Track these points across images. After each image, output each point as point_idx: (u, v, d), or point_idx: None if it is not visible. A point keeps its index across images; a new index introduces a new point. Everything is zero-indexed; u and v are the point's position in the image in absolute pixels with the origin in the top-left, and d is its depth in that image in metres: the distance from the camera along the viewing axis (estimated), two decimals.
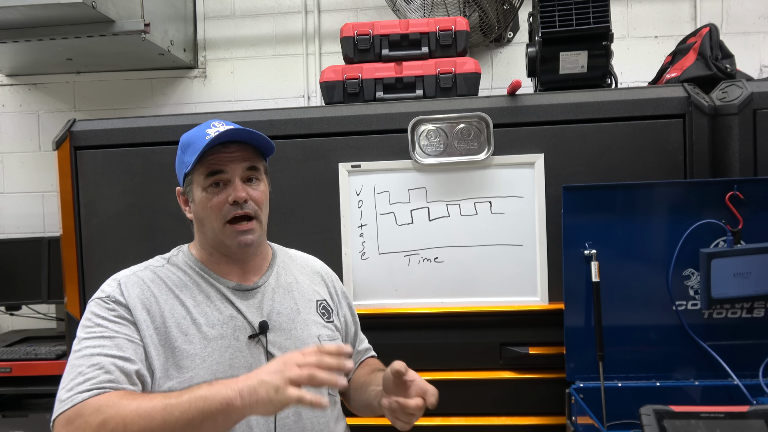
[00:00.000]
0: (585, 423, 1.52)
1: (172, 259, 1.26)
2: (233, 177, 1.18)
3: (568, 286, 1.66)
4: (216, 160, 1.17)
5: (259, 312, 1.21)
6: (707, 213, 1.61)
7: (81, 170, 1.93)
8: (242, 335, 1.18)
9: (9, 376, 2.28)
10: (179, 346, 1.13)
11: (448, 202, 1.82)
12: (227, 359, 1.14)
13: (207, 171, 1.17)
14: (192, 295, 1.19)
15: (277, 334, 1.21)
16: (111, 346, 1.08)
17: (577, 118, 1.77)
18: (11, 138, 2.93)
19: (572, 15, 1.85)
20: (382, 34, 1.99)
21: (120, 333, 1.10)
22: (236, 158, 1.18)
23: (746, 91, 1.69)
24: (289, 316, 1.24)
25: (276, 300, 1.25)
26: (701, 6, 2.59)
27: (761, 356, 1.61)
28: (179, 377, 1.11)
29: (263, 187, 1.23)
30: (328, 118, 1.86)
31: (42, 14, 2.13)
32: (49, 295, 2.58)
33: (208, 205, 1.18)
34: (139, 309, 1.14)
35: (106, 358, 1.06)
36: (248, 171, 1.20)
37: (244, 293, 1.23)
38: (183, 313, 1.16)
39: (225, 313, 1.19)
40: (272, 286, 1.27)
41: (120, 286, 1.16)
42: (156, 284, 1.18)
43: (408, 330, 1.83)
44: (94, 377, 1.04)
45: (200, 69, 2.85)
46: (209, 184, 1.18)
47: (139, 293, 1.16)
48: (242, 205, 1.17)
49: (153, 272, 1.21)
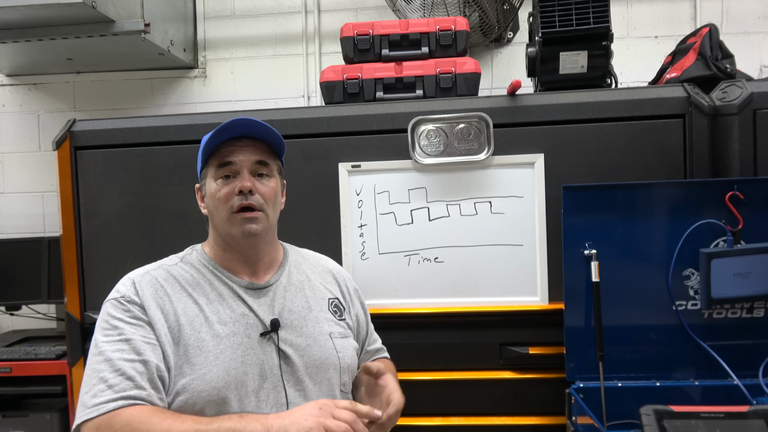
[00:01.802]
0: (585, 423, 1.52)
1: (185, 257, 1.27)
2: (242, 169, 1.20)
3: (568, 286, 1.66)
4: (227, 152, 1.21)
5: (271, 310, 1.22)
6: (707, 213, 1.61)
7: (81, 170, 1.93)
8: (254, 333, 1.18)
9: (9, 376, 2.28)
10: (192, 343, 1.14)
11: (448, 202, 1.82)
12: (239, 356, 1.15)
13: (218, 162, 1.21)
14: (205, 293, 1.20)
15: (289, 332, 1.22)
16: (129, 349, 1.09)
17: (577, 118, 1.77)
18: (11, 138, 2.93)
19: (572, 15, 1.84)
20: (382, 34, 1.99)
21: (137, 335, 1.11)
22: (246, 151, 1.21)
23: (746, 91, 1.69)
24: (300, 313, 1.25)
25: (288, 298, 1.26)
26: (701, 6, 2.59)
27: (761, 356, 1.61)
28: (192, 374, 1.12)
29: (273, 184, 1.24)
30: (328, 118, 1.86)
31: (42, 14, 2.13)
32: (49, 295, 2.58)
33: (217, 195, 1.20)
34: (153, 308, 1.15)
35: (126, 363, 1.08)
36: (258, 165, 1.22)
37: (256, 291, 1.24)
38: (196, 311, 1.17)
39: (237, 311, 1.20)
40: (284, 285, 1.28)
41: (134, 285, 1.18)
42: (169, 283, 1.20)
43: (408, 330, 1.83)
44: (118, 384, 1.05)
45: (200, 69, 2.85)
46: (220, 175, 1.21)
47: (152, 292, 1.17)
48: (248, 195, 1.19)
49: (166, 271, 1.22)
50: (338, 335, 1.28)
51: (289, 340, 1.21)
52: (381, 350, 1.49)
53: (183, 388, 1.11)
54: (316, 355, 1.22)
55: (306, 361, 1.21)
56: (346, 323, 1.34)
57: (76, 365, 1.91)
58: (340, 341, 1.27)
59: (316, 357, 1.22)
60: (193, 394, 1.10)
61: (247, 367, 1.15)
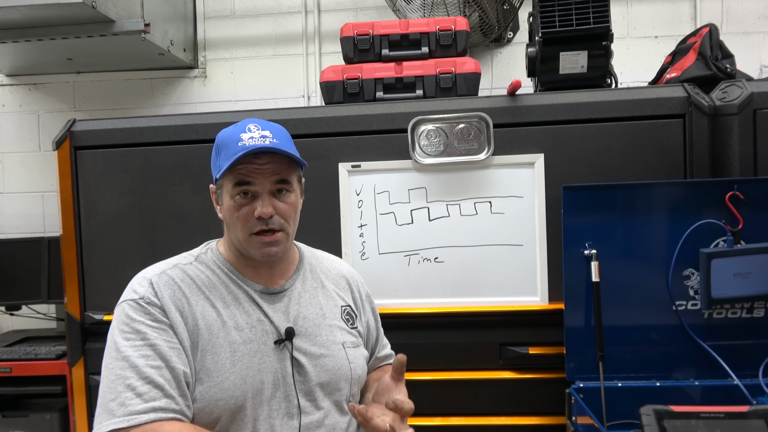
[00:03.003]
0: (585, 423, 1.52)
1: (200, 256, 1.23)
2: (262, 191, 1.15)
3: (568, 286, 1.66)
4: (246, 171, 1.14)
5: (286, 316, 1.20)
6: (707, 213, 1.61)
7: (81, 170, 1.93)
8: (269, 340, 1.16)
9: (9, 376, 2.28)
10: (209, 349, 1.11)
11: (448, 202, 1.82)
12: (256, 364, 1.13)
13: (236, 180, 1.15)
14: (221, 296, 1.17)
15: (303, 340, 1.20)
16: (155, 355, 1.06)
17: (577, 118, 1.77)
18: (11, 138, 2.93)
19: (572, 15, 1.85)
20: (382, 34, 1.99)
21: (161, 339, 1.08)
22: (266, 171, 1.15)
23: (746, 91, 1.69)
24: (314, 321, 1.23)
25: (302, 305, 1.24)
26: (701, 6, 2.59)
27: (761, 356, 1.61)
28: (209, 381, 1.10)
29: (293, 199, 1.20)
30: (328, 118, 1.86)
31: (42, 14, 2.13)
32: (49, 295, 2.58)
33: (235, 215, 1.16)
34: (173, 310, 1.12)
35: (153, 370, 1.05)
36: (278, 184, 1.17)
37: (271, 297, 1.21)
38: (213, 315, 1.14)
39: (253, 316, 1.17)
40: (298, 290, 1.25)
41: (152, 285, 1.13)
42: (186, 284, 1.16)
43: (408, 330, 1.83)
44: (147, 392, 1.03)
45: (200, 69, 2.85)
46: (237, 193, 1.15)
47: (170, 294, 1.13)
48: (267, 221, 1.15)
49: (182, 271, 1.18)
50: (351, 345, 1.27)
51: (303, 348, 1.19)
52: (390, 356, 1.47)
53: (200, 394, 1.09)
54: (329, 365, 1.21)
55: (319, 371, 1.19)
56: (357, 331, 1.32)
57: (76, 365, 1.91)
58: (352, 351, 1.26)
59: (329, 367, 1.20)
60: (210, 402, 1.09)
61: (263, 375, 1.13)
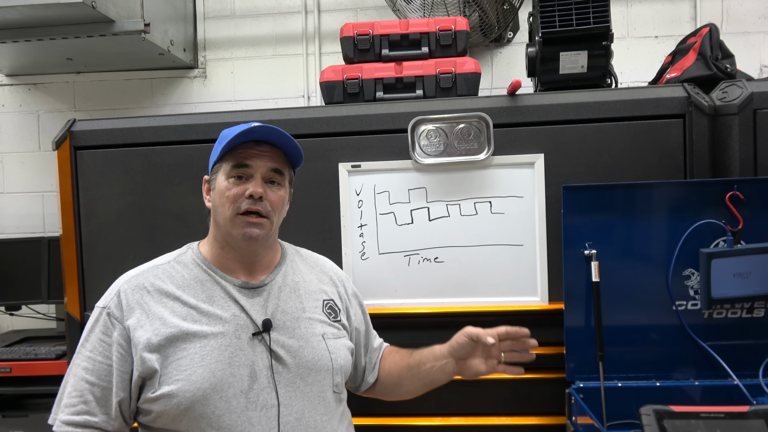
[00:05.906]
0: (585, 423, 1.52)
1: (180, 257, 1.28)
2: (256, 173, 1.22)
3: (568, 286, 1.66)
4: (245, 154, 1.22)
5: (264, 310, 1.23)
6: (707, 213, 1.61)
7: (81, 170, 1.93)
8: (244, 334, 1.19)
9: (9, 376, 2.29)
10: (179, 345, 1.15)
11: (448, 202, 1.82)
12: (227, 358, 1.16)
13: (234, 162, 1.22)
14: (195, 293, 1.21)
15: (281, 333, 1.22)
16: (93, 370, 1.16)
17: (577, 118, 1.77)
18: (11, 138, 2.93)
19: (572, 15, 1.84)
20: (382, 34, 1.99)
21: (104, 355, 1.17)
22: (264, 157, 1.23)
23: (746, 91, 1.69)
24: (293, 314, 1.25)
25: (282, 299, 1.26)
26: (701, 6, 2.59)
27: (761, 356, 1.61)
28: (178, 375, 1.13)
29: (282, 193, 1.26)
30: (328, 118, 1.86)
31: (42, 14, 2.13)
32: (49, 295, 2.58)
33: (226, 193, 1.21)
34: (137, 314, 1.17)
35: (86, 384, 1.16)
36: (272, 173, 1.24)
37: (250, 291, 1.24)
38: (184, 312, 1.18)
39: (228, 311, 1.20)
40: (279, 285, 1.28)
41: (119, 295, 1.20)
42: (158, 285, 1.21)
43: (408, 330, 1.82)
44: (73, 405, 1.15)
45: (200, 69, 2.85)
46: (233, 174, 1.22)
47: (138, 298, 1.19)
48: (257, 201, 1.20)
49: (159, 270, 1.24)
50: (331, 336, 1.28)
51: (281, 341, 1.21)
52: (382, 344, 1.53)
53: (170, 390, 1.12)
54: (308, 356, 1.23)
55: (298, 362, 1.21)
56: (341, 324, 1.34)
57: None
58: (333, 342, 1.28)
59: (308, 358, 1.22)
60: (178, 395, 1.12)
61: (234, 369, 1.15)
